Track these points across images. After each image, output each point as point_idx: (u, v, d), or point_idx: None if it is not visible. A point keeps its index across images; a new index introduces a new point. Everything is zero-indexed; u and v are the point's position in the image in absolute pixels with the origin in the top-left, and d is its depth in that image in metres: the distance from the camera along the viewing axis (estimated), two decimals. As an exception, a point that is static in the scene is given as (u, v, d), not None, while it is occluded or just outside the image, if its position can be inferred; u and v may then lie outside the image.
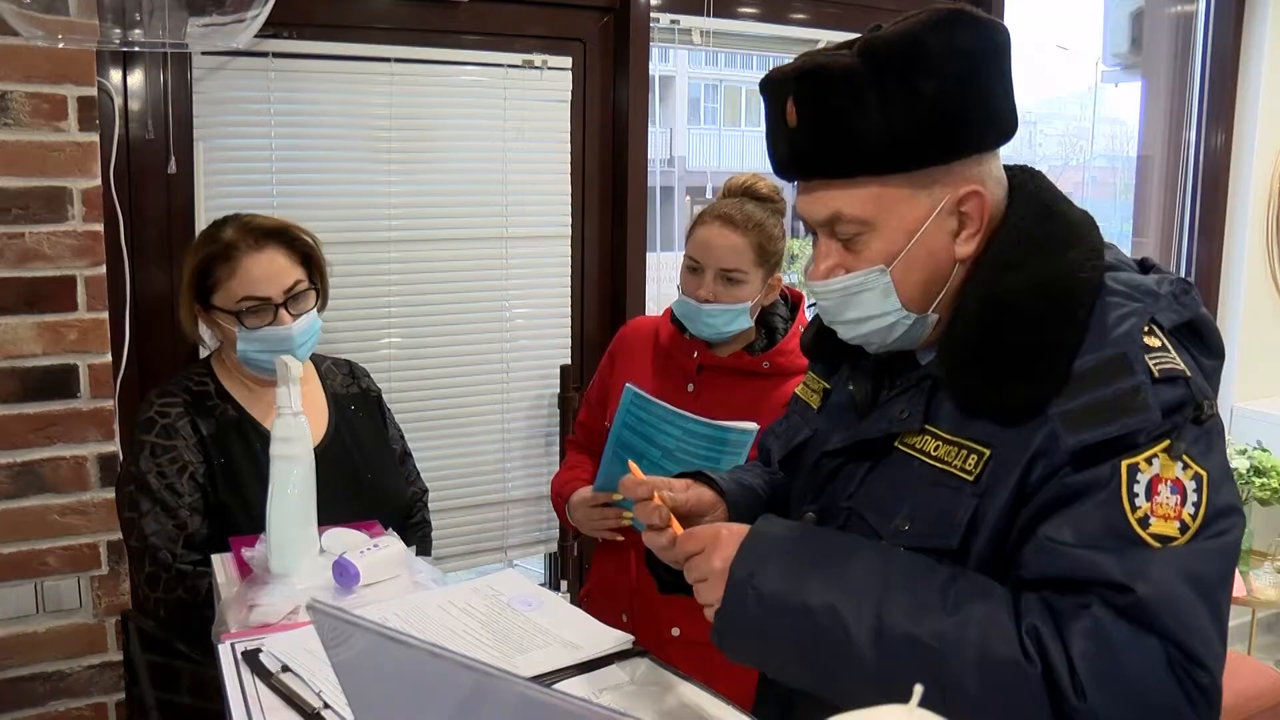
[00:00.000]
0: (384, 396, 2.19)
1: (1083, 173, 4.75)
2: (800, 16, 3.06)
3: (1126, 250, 1.22)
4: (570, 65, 2.79)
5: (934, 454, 1.15)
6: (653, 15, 2.84)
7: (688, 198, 3.91)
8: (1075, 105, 4.76)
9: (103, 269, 2.19)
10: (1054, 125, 5.01)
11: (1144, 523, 1.02)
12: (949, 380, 1.15)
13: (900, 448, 1.20)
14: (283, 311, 1.90)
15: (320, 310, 2.01)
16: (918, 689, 0.52)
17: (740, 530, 1.16)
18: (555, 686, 1.25)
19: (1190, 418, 1.06)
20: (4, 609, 2.19)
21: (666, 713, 1.23)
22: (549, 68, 2.75)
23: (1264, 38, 3.76)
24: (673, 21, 2.90)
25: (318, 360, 2.09)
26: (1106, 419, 1.04)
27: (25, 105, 2.08)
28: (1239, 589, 3.44)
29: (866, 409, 1.28)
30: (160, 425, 1.91)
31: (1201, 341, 1.14)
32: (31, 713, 2.25)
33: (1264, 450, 3.65)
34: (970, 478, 1.11)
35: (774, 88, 1.19)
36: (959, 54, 1.11)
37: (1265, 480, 3.56)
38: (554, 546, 2.99)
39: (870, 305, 1.18)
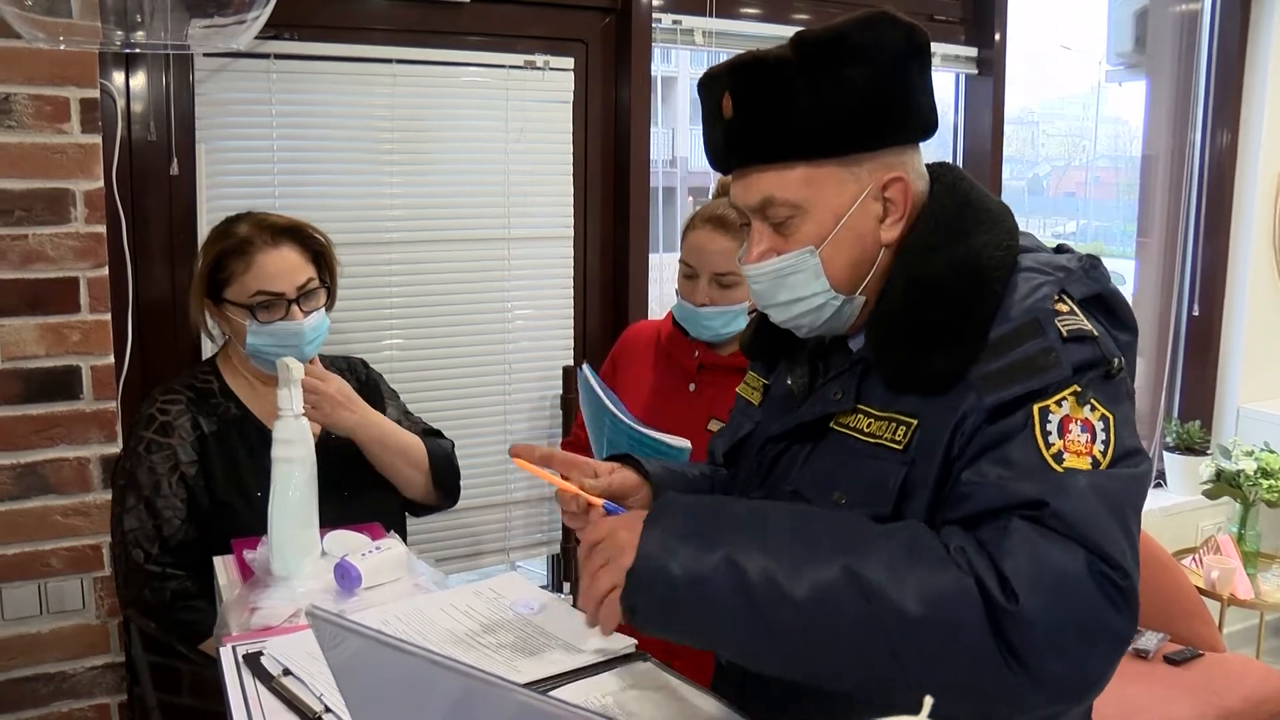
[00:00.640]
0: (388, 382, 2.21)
1: (1085, 173, 4.74)
2: (802, 17, 3.06)
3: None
4: (572, 66, 2.78)
5: (867, 430, 1.22)
6: (655, 16, 2.84)
7: (690, 198, 3.91)
8: (1078, 105, 4.75)
9: (105, 270, 2.19)
10: (1056, 125, 5.00)
11: (1058, 458, 1.09)
12: (877, 358, 1.21)
13: (836, 428, 1.26)
14: (294, 308, 1.92)
15: (329, 309, 2.02)
16: (928, 701, 0.50)
17: (641, 513, 1.17)
18: (558, 691, 1.25)
19: (1101, 374, 1.13)
20: (7, 610, 2.19)
21: (669, 717, 1.22)
22: (551, 68, 2.74)
23: (1270, 36, 3.75)
24: (675, 22, 2.89)
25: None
26: (1022, 377, 1.11)
27: (28, 107, 2.08)
28: (1246, 590, 3.43)
29: (804, 397, 1.33)
30: (159, 422, 1.93)
31: (1113, 316, 1.21)
32: (34, 713, 2.25)
33: (1271, 452, 3.63)
34: (899, 447, 1.18)
35: (711, 84, 1.25)
36: (881, 48, 1.19)
37: (1273, 482, 3.55)
38: (557, 548, 2.98)
39: (801, 287, 1.24)
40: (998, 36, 3.35)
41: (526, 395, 2.85)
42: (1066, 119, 4.87)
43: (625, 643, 1.35)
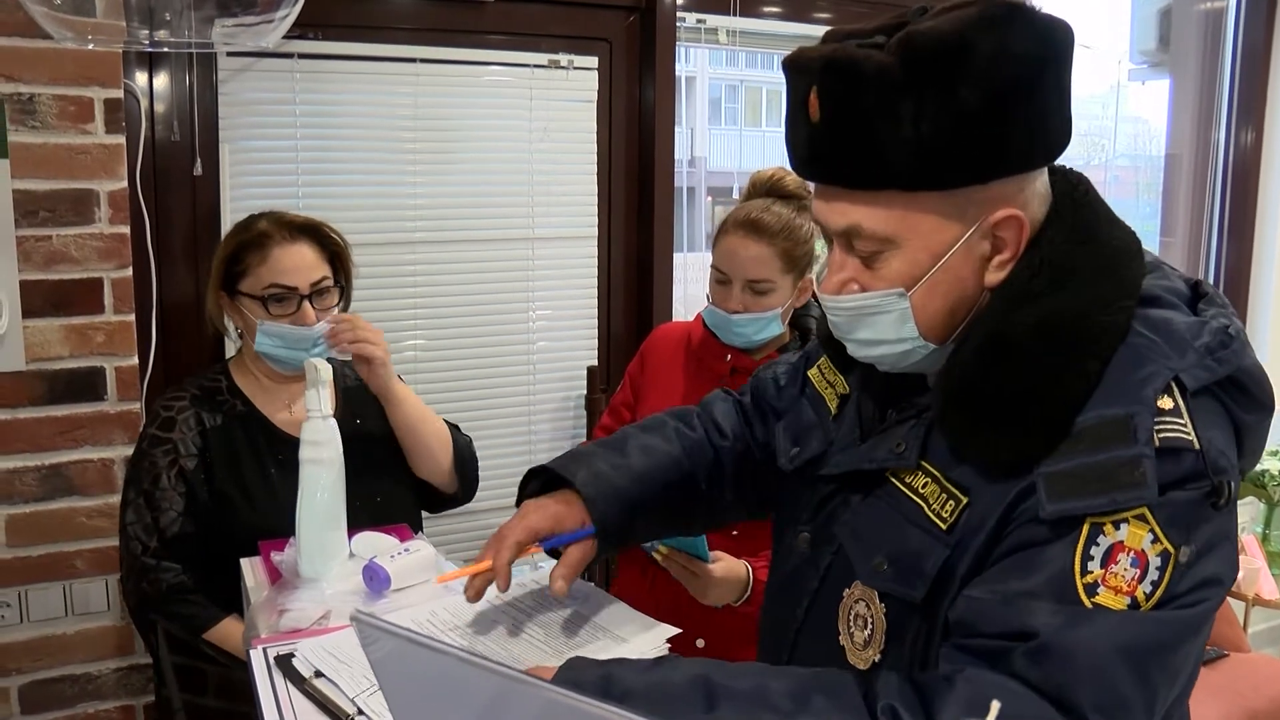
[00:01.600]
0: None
1: (1104, 172, 4.73)
2: (824, 16, 3.05)
3: (1151, 249, 1.11)
4: (596, 65, 2.77)
5: (921, 490, 1.07)
6: (679, 15, 2.82)
7: (709, 198, 3.89)
8: (1097, 105, 4.73)
9: (129, 271, 2.19)
10: (1075, 125, 4.99)
11: (1090, 590, 0.92)
12: (940, 418, 1.06)
13: (892, 479, 1.11)
14: (306, 304, 1.93)
15: (342, 311, 2.02)
16: (995, 705, 0.48)
17: None
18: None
19: (1193, 495, 0.93)
20: (33, 611, 2.20)
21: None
22: (575, 68, 2.74)
23: (1296, 34, 3.72)
24: (699, 21, 2.88)
25: (332, 359, 2.09)
26: (1095, 489, 0.93)
27: (52, 108, 2.08)
28: (1271, 590, 3.39)
29: (872, 428, 1.19)
30: (162, 418, 1.95)
31: (1246, 393, 1.02)
32: (61, 714, 2.26)
33: (1296, 453, 3.60)
34: (944, 525, 1.03)
35: (799, 74, 1.04)
36: (1012, 60, 0.96)
37: (1298, 483, 3.51)
38: (579, 549, 2.97)
39: (885, 329, 1.07)
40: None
41: (550, 396, 2.84)
42: (1085, 118, 4.86)
43: (667, 632, 1.35)
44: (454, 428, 2.18)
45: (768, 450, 1.41)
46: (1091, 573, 0.92)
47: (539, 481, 1.36)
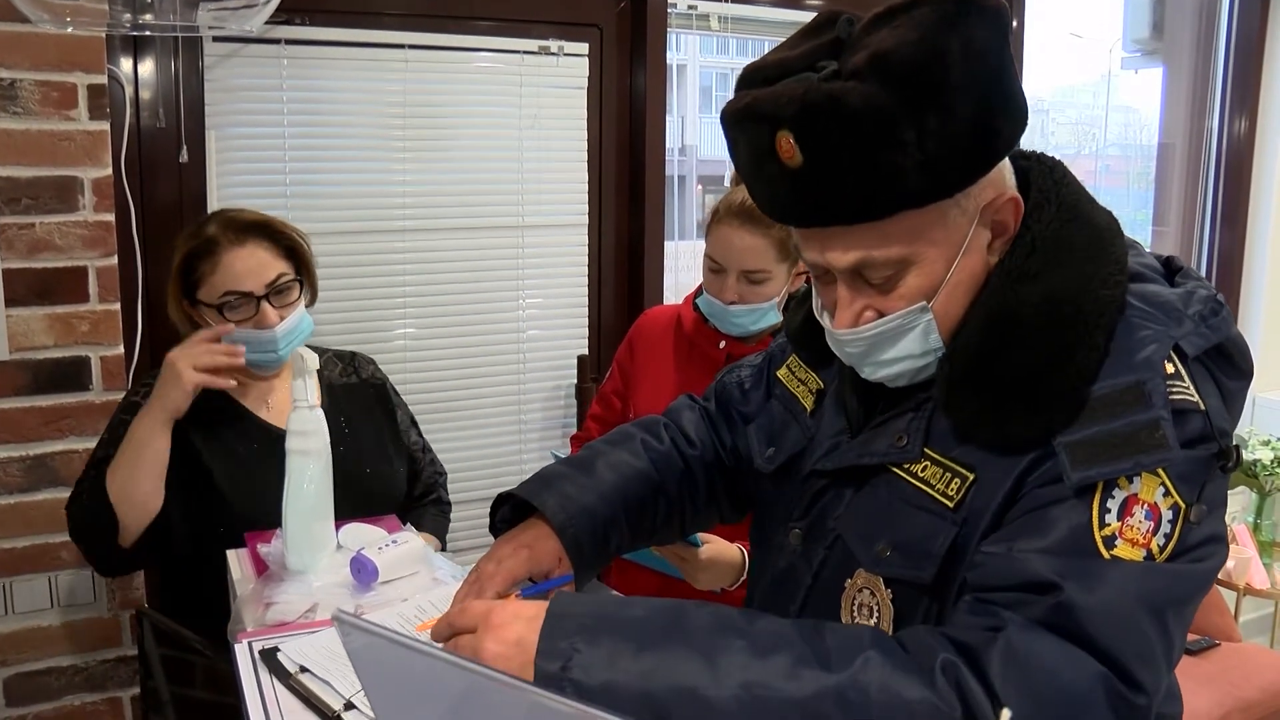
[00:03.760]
0: (398, 388, 2.16)
1: (1095, 161, 4.72)
2: (816, 2, 3.03)
3: (1146, 240, 1.13)
4: (587, 52, 2.75)
5: (921, 474, 1.07)
6: (670, 1, 2.80)
7: (699, 186, 3.87)
8: (1088, 94, 4.72)
9: (114, 260, 2.17)
10: (1066, 114, 4.98)
11: (1109, 542, 0.94)
12: (945, 403, 1.06)
13: (893, 469, 1.11)
14: (265, 305, 1.87)
15: (309, 305, 1.98)
16: (1005, 713, 0.47)
17: (524, 612, 1.01)
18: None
19: (1200, 456, 0.97)
20: (18, 603, 2.18)
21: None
22: (565, 54, 2.71)
23: (1290, 22, 3.71)
24: (690, 7, 2.86)
25: (319, 351, 2.07)
26: (1118, 454, 0.94)
27: (35, 94, 2.05)
28: (1262, 580, 3.40)
29: (860, 423, 1.18)
30: (131, 402, 1.91)
31: (1230, 363, 1.05)
32: (47, 706, 2.24)
33: (1287, 441, 3.60)
34: (950, 503, 1.04)
35: (754, 121, 1.00)
36: (982, 54, 0.95)
37: (1288, 472, 3.52)
38: (569, 538, 2.96)
39: (909, 345, 1.06)
40: (1014, 24, 3.31)
41: (540, 385, 2.83)
42: (1076, 107, 4.85)
43: None
44: (435, 500, 2.17)
45: (738, 455, 1.41)
46: (1109, 525, 0.94)
47: (509, 506, 1.33)
